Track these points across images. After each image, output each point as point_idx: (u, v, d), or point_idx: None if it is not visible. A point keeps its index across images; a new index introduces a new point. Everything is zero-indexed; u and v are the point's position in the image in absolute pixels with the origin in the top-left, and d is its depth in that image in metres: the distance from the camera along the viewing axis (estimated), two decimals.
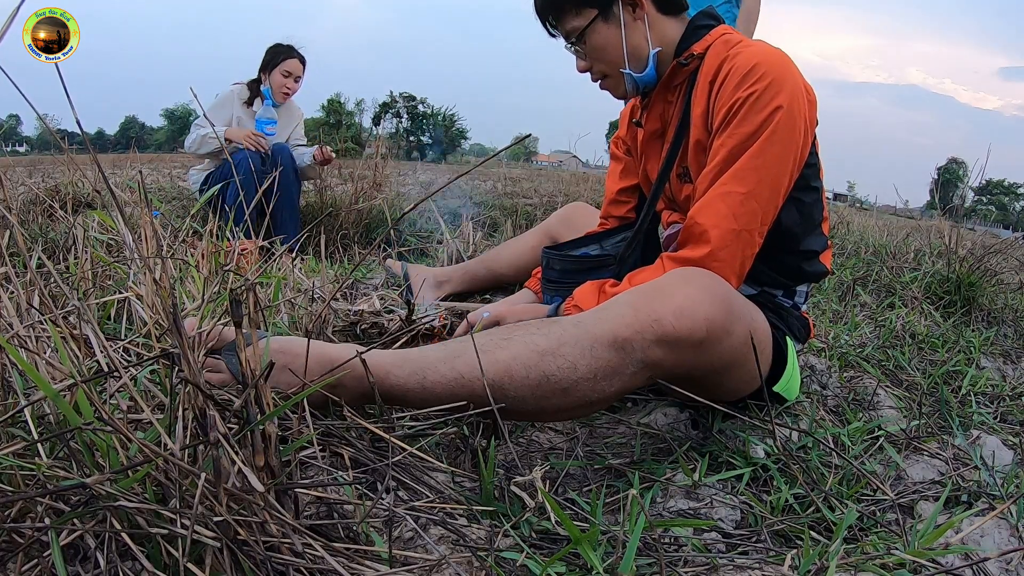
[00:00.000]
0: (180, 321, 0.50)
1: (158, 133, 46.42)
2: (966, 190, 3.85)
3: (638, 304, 0.78)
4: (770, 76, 0.94)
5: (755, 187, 0.94)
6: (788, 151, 0.95)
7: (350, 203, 2.67)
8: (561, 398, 0.77)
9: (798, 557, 0.64)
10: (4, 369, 0.61)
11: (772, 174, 0.95)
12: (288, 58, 2.64)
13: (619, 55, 1.06)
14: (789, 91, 0.94)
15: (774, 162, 0.95)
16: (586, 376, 0.76)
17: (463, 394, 0.76)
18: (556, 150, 38.75)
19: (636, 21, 1.05)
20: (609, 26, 1.05)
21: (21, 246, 0.75)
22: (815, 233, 1.08)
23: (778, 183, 0.96)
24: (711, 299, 0.79)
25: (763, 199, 0.95)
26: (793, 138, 0.95)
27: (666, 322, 0.76)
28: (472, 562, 0.60)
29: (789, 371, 1.00)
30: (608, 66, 1.09)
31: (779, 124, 0.93)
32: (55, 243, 1.53)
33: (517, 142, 1.65)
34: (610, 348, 0.76)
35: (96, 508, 0.50)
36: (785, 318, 1.08)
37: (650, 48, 1.06)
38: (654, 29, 1.06)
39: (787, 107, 0.93)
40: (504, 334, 0.81)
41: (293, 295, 1.21)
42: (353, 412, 0.75)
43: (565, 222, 1.66)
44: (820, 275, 1.10)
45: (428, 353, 0.80)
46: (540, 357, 0.76)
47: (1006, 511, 0.81)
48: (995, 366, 1.57)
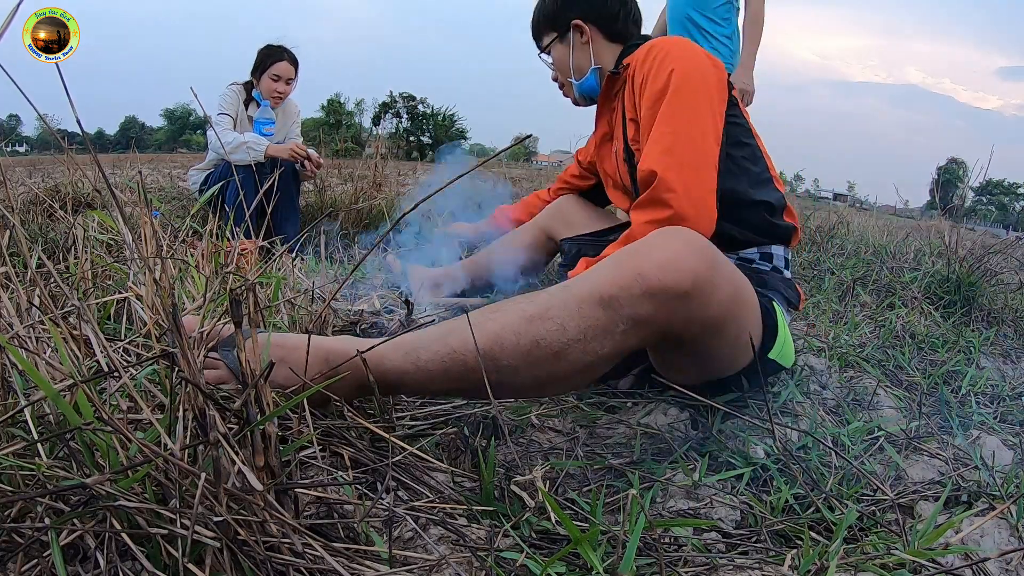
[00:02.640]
0: (180, 322, 0.50)
1: (158, 133, 46.31)
2: (966, 190, 3.86)
3: (622, 261, 0.80)
4: (665, 49, 1.14)
5: (678, 126, 1.07)
6: (698, 96, 1.09)
7: (350, 203, 2.67)
8: (553, 363, 0.78)
9: (798, 557, 0.64)
10: (4, 369, 0.61)
11: (689, 116, 1.08)
12: (277, 61, 2.58)
13: (567, 67, 1.38)
14: (681, 55, 1.12)
15: (688, 105, 1.08)
16: (576, 337, 0.77)
17: (457, 369, 0.76)
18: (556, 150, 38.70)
19: (583, 44, 1.35)
20: (563, 45, 1.37)
21: (22, 246, 0.75)
22: (765, 188, 1.14)
23: (700, 121, 1.08)
24: (693, 251, 0.80)
25: (692, 136, 1.07)
26: (696, 85, 1.10)
27: (651, 275, 0.77)
28: (472, 562, 0.61)
29: (781, 336, 1.01)
30: (562, 76, 1.41)
31: (680, 77, 1.09)
32: (55, 243, 1.53)
33: (517, 142, 1.66)
34: (597, 306, 0.77)
35: (96, 508, 0.50)
36: (768, 282, 1.09)
37: (591, 65, 1.35)
38: (598, 51, 1.35)
39: (681, 66, 1.10)
40: (494, 307, 0.82)
41: (293, 295, 1.21)
42: (353, 412, 0.75)
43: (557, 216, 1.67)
44: (789, 232, 1.16)
45: (421, 334, 0.81)
46: (529, 322, 0.77)
47: (1006, 511, 0.81)
48: (995, 366, 1.57)
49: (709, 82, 1.11)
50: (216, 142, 2.48)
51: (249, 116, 2.65)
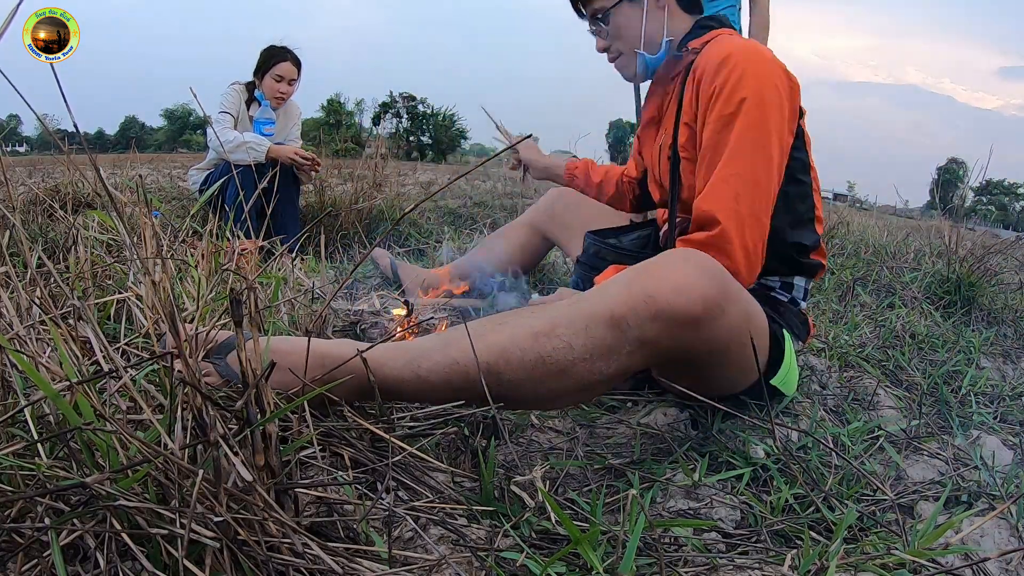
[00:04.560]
0: (179, 323, 0.50)
1: (158, 133, 46.27)
2: (966, 190, 3.86)
3: (632, 282, 0.78)
4: (742, 65, 1.00)
5: (744, 168, 0.98)
6: (769, 131, 0.99)
7: (350, 203, 2.66)
8: (558, 380, 0.77)
9: (798, 557, 0.64)
10: (4, 369, 0.61)
11: (757, 156, 0.99)
12: (280, 61, 2.59)
13: (637, 37, 1.16)
14: (756, 79, 0.99)
15: (758, 144, 0.99)
16: (582, 356, 0.76)
17: (458, 381, 0.75)
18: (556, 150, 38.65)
19: (658, 10, 1.15)
20: (633, 9, 1.15)
21: (22, 246, 0.75)
22: (804, 229, 1.10)
23: (768, 164, 1.00)
24: (706, 277, 0.79)
25: (758, 180, 0.99)
26: (768, 117, 0.99)
27: (661, 298, 0.76)
28: (472, 562, 0.61)
29: (786, 365, 1.00)
30: (625, 46, 1.18)
31: (752, 107, 0.98)
32: (55, 243, 1.53)
33: (517, 142, 1.64)
34: (605, 326, 0.76)
35: (96, 508, 0.50)
36: (783, 314, 1.08)
37: (664, 36, 1.15)
38: (672, 20, 1.15)
39: (755, 94, 0.99)
40: (499, 319, 0.81)
41: (293, 295, 1.21)
42: (353, 412, 0.75)
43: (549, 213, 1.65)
44: (815, 268, 1.12)
45: (422, 343, 0.80)
46: (535, 338, 0.76)
47: (1006, 511, 0.81)
48: (995, 366, 1.57)
49: (782, 114, 1.01)
50: (216, 141, 2.47)
51: (250, 116, 2.65)
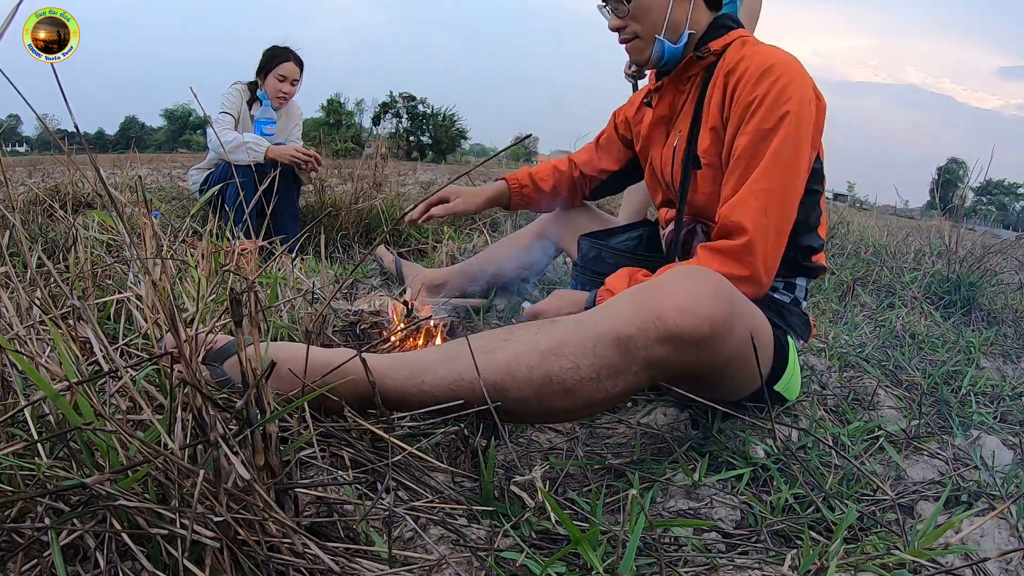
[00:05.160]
0: (179, 323, 0.50)
1: (158, 133, 46.27)
2: (966, 190, 3.86)
3: (640, 301, 0.77)
4: (785, 78, 1.00)
5: (776, 184, 0.99)
6: (802, 148, 1.00)
7: (350, 203, 2.66)
8: (564, 399, 0.76)
9: (798, 557, 0.64)
10: (4, 369, 0.61)
11: (789, 173, 1.00)
12: (283, 61, 2.60)
13: (660, 20, 1.11)
14: (800, 94, 1.00)
15: (791, 162, 0.99)
16: (589, 376, 0.75)
17: (463, 395, 0.75)
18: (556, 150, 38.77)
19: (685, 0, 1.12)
20: None
21: (22, 246, 0.75)
22: (810, 234, 1.10)
23: (798, 181, 1.01)
24: (714, 296, 0.78)
25: (786, 195, 1.00)
26: (803, 135, 1.00)
27: (669, 319, 0.75)
28: (472, 562, 0.61)
29: (790, 370, 1.00)
30: (644, 28, 1.13)
31: (792, 124, 0.98)
32: (55, 243, 1.53)
33: (517, 142, 1.64)
34: (613, 346, 0.75)
35: (96, 508, 0.50)
36: (786, 316, 1.08)
37: (687, 27, 1.12)
38: (695, 12, 1.12)
39: (796, 110, 0.99)
40: (504, 334, 0.80)
41: (293, 295, 1.21)
42: (353, 412, 0.75)
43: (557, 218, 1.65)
44: (816, 271, 1.13)
45: (425, 356, 0.79)
46: (542, 357, 0.75)
47: (1006, 511, 0.81)
48: (995, 366, 1.57)
49: (813, 130, 1.02)
50: (215, 141, 2.47)
51: (252, 116, 2.65)
